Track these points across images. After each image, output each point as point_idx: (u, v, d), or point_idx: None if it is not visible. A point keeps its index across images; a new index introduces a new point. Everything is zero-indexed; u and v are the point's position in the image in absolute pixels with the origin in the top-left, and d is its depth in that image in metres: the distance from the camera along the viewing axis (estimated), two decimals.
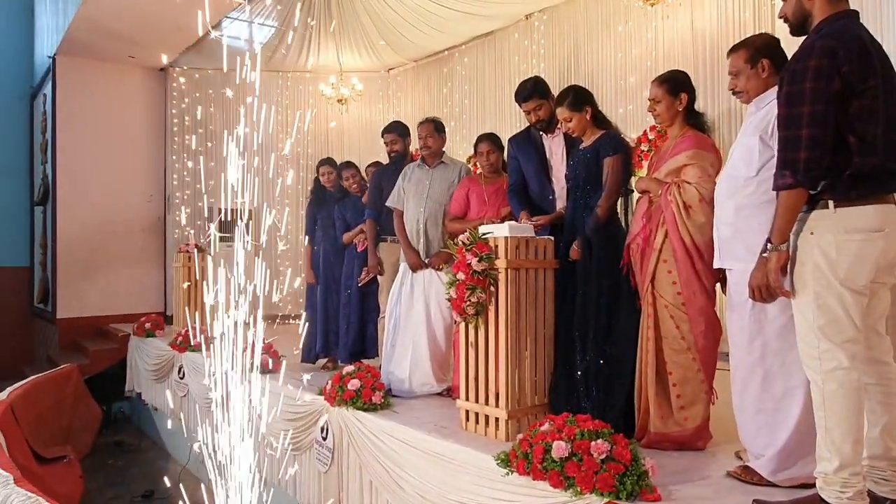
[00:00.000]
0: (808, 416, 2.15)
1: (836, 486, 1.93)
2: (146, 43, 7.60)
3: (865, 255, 1.93)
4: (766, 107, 2.34)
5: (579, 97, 3.18)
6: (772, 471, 2.33)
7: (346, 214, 4.90)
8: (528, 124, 3.62)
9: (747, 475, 2.40)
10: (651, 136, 5.67)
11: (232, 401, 2.78)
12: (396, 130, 4.56)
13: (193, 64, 8.55)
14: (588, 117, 3.16)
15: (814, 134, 1.92)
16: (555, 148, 3.49)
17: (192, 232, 8.13)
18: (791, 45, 2.23)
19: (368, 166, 5.28)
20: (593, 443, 2.30)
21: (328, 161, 5.21)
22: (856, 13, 2.05)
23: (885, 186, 1.97)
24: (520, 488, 2.47)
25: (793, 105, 1.96)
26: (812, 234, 1.99)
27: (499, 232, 2.99)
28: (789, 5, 2.13)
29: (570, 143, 3.38)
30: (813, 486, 2.05)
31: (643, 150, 5.62)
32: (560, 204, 3.38)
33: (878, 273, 1.97)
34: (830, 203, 1.96)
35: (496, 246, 2.98)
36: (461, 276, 2.99)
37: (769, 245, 2.05)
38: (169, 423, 6.04)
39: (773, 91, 2.22)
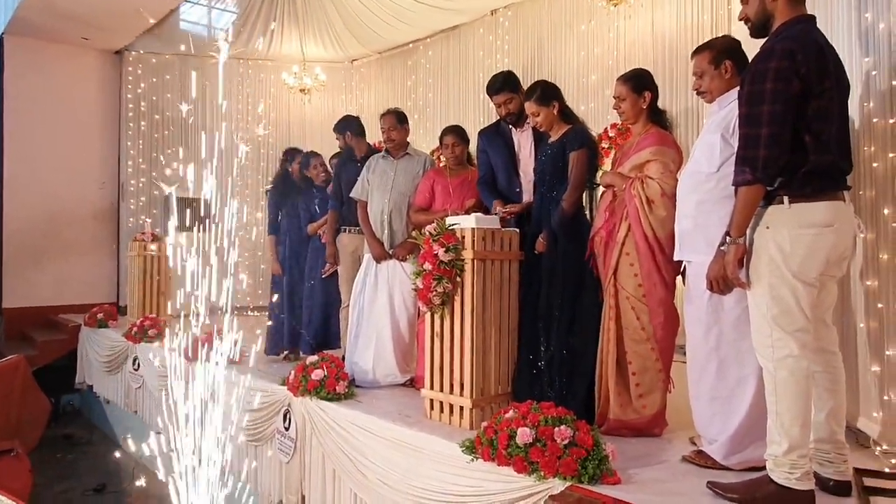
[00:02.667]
0: (760, 403, 2.25)
1: (785, 468, 2.03)
2: (101, 24, 7.36)
3: (817, 248, 2.03)
4: (728, 106, 2.43)
5: (547, 92, 3.24)
6: (724, 455, 2.43)
7: (311, 205, 4.86)
8: (494, 118, 3.67)
9: (701, 459, 2.50)
10: (612, 134, 5.79)
11: (191, 392, 2.75)
12: (339, 129, 4.65)
13: (150, 48, 8.32)
14: (555, 112, 3.22)
15: (773, 132, 2.01)
16: (523, 142, 3.54)
17: (148, 220, 7.93)
18: (750, 47, 2.32)
19: (332, 158, 5.23)
20: (557, 429, 2.37)
21: (295, 150, 5.17)
22: (813, 18, 2.15)
23: (836, 184, 2.08)
24: (484, 474, 2.52)
25: (753, 104, 2.05)
26: (768, 228, 2.09)
27: (466, 223, 3.03)
28: (751, 7, 2.21)
29: (539, 137, 3.43)
30: (763, 469, 2.15)
31: (604, 147, 5.73)
32: (526, 197, 3.44)
33: (827, 266, 2.07)
34: (786, 199, 2.05)
35: (463, 237, 3.02)
36: (428, 266, 3.01)
37: (727, 238, 2.14)
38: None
39: (736, 91, 2.31)
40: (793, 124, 2.02)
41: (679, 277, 2.82)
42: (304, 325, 4.79)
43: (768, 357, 2.08)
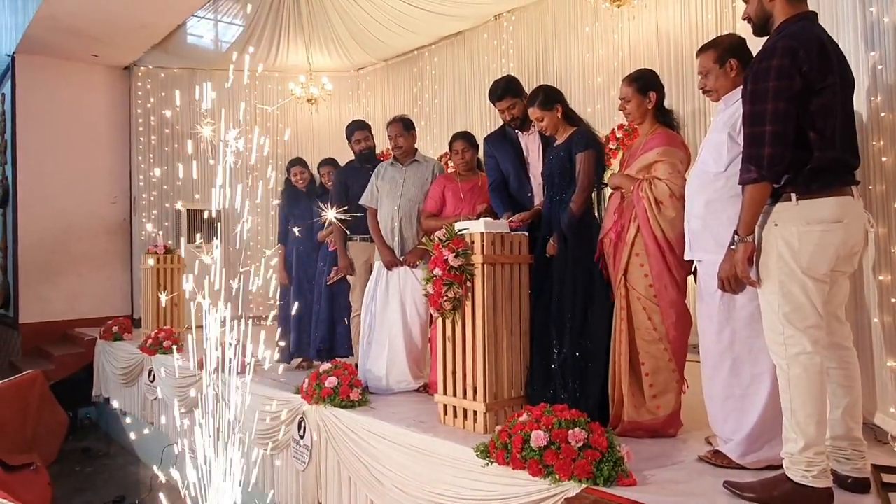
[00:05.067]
0: (775, 401, 2.24)
1: (802, 466, 2.02)
2: (110, 41, 7.46)
3: (826, 244, 2.03)
4: (734, 104, 2.42)
5: (549, 96, 3.25)
6: (740, 454, 2.42)
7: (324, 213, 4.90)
8: (500, 123, 3.68)
9: (717, 459, 2.49)
10: (619, 135, 5.79)
11: (209, 402, 2.78)
12: (368, 127, 4.59)
13: (159, 63, 8.42)
14: (559, 115, 3.23)
15: (777, 130, 2.01)
16: (531, 145, 3.55)
17: (160, 234, 8.01)
18: (755, 45, 2.32)
19: (319, 166, 5.17)
20: (571, 431, 2.36)
21: (299, 161, 5.20)
22: (814, 14, 2.15)
23: (843, 179, 2.08)
24: (499, 478, 2.51)
25: (757, 103, 2.05)
26: (776, 225, 2.08)
27: (475, 228, 3.04)
28: (752, 7, 2.23)
29: (546, 140, 3.44)
30: (780, 467, 2.14)
31: (611, 149, 5.73)
32: (538, 200, 3.44)
33: (838, 262, 2.06)
34: (793, 196, 2.05)
35: (472, 242, 3.03)
36: (438, 271, 3.03)
37: (736, 237, 2.14)
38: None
39: (741, 89, 2.31)
40: (796, 121, 2.02)
41: (690, 277, 2.82)
42: (312, 331, 4.81)
43: (781, 354, 2.07)
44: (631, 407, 2.86)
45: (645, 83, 2.96)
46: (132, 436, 5.81)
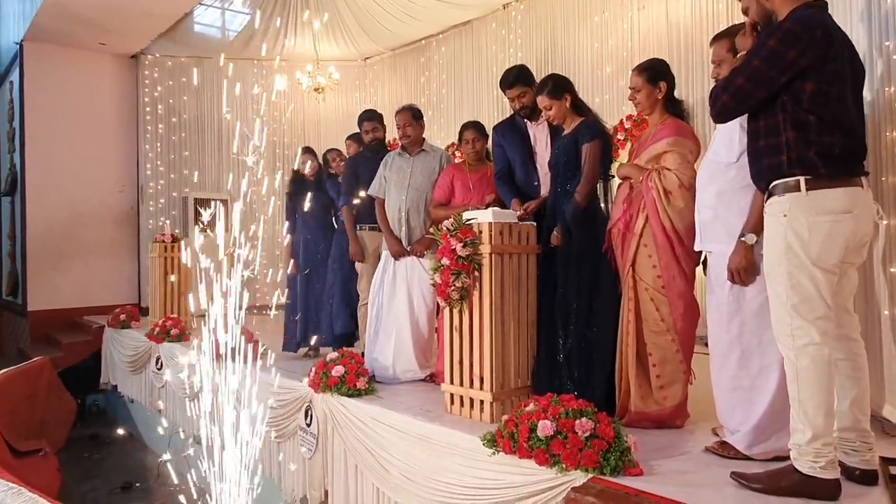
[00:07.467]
0: (783, 393, 2.23)
1: (810, 457, 2.02)
2: (117, 30, 7.47)
3: (836, 235, 2.02)
4: None
5: (559, 85, 3.23)
6: (748, 445, 2.41)
7: (332, 192, 4.93)
8: (509, 112, 3.66)
9: (724, 450, 2.49)
10: (627, 126, 5.76)
11: (215, 390, 2.79)
12: (378, 118, 4.59)
13: (166, 51, 8.41)
14: (567, 105, 3.21)
15: (744, 89, 2.08)
16: (539, 135, 3.53)
17: (167, 222, 8.04)
18: None
19: (328, 151, 5.22)
20: (577, 421, 2.36)
21: (309, 150, 5.21)
22: (824, 4, 2.13)
23: (851, 169, 2.06)
24: (506, 467, 2.52)
25: (750, 56, 2.11)
26: (785, 216, 2.07)
27: (483, 218, 3.04)
28: (753, 11, 2.22)
29: (555, 130, 3.42)
30: (787, 458, 2.13)
31: (619, 139, 5.70)
32: (544, 190, 3.43)
33: (847, 253, 2.05)
34: (803, 186, 2.04)
35: (480, 231, 3.02)
36: (446, 261, 3.02)
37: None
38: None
39: None
40: (792, 106, 2.04)
41: (699, 268, 2.81)
42: (329, 315, 4.80)
43: (789, 345, 2.06)
44: (638, 397, 2.86)
45: (655, 73, 2.94)
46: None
